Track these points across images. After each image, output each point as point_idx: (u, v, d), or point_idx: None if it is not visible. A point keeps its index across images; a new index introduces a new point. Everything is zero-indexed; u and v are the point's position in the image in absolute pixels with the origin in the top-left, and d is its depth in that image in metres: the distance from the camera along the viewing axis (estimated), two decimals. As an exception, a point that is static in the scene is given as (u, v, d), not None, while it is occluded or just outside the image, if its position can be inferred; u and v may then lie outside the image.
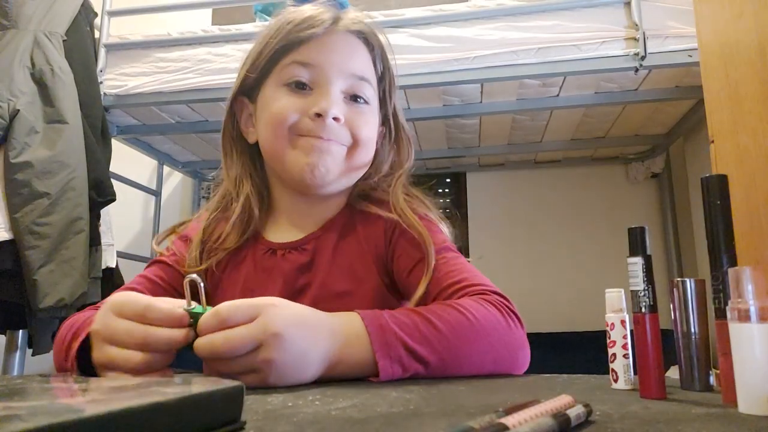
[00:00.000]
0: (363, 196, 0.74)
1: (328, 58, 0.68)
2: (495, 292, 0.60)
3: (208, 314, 0.45)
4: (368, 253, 0.69)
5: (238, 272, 0.71)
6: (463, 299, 0.58)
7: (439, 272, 0.64)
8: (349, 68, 0.69)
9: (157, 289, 0.69)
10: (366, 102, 0.71)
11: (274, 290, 0.68)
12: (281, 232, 0.73)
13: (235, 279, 0.71)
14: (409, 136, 0.78)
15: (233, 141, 0.75)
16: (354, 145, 0.69)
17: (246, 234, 0.72)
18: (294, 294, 0.68)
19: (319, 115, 0.66)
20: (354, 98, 0.70)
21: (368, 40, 0.72)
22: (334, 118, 0.66)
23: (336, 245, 0.70)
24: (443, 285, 0.62)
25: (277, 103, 0.68)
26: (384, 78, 0.74)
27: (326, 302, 0.65)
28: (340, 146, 0.68)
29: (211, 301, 0.68)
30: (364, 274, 0.68)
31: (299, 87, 0.68)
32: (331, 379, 0.48)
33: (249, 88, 0.73)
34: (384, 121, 0.76)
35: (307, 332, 0.46)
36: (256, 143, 0.73)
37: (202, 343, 0.44)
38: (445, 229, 0.72)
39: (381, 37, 0.73)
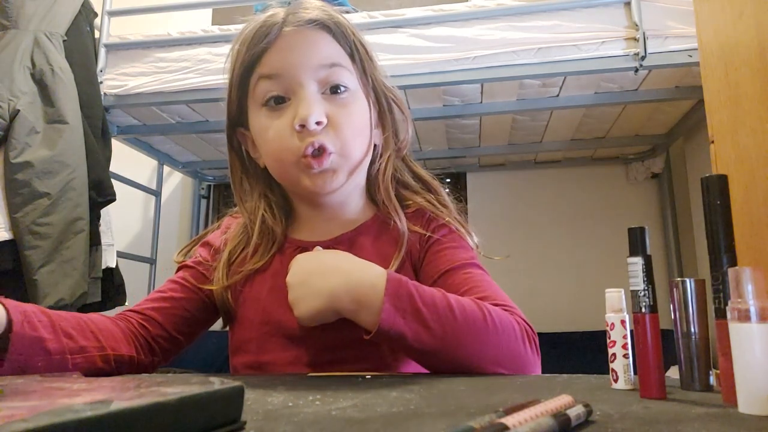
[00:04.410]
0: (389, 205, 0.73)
1: (290, 60, 0.65)
2: (521, 317, 0.60)
3: None
4: (405, 257, 0.69)
5: (265, 275, 0.71)
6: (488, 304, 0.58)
7: (462, 287, 0.64)
8: (315, 61, 0.66)
9: (183, 290, 0.71)
10: (346, 89, 0.67)
11: None
12: (309, 233, 0.73)
13: (262, 282, 0.70)
14: (401, 104, 0.75)
15: (246, 175, 0.74)
16: (344, 144, 0.66)
17: (270, 252, 0.72)
18: None
19: (302, 125, 0.64)
20: (335, 90, 0.67)
21: (325, 24, 0.68)
22: (317, 123, 0.64)
23: (371, 246, 0.70)
24: None
25: (268, 132, 0.66)
26: (354, 55, 0.69)
27: None
28: (334, 156, 0.66)
29: (237, 312, 0.70)
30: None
31: (277, 102, 0.66)
32: (342, 315, 0.57)
33: (239, 116, 0.72)
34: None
35: (312, 275, 0.58)
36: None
37: None
38: (472, 243, 0.71)
39: (336, 16, 0.69)
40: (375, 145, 0.73)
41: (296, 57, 0.66)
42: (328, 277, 0.57)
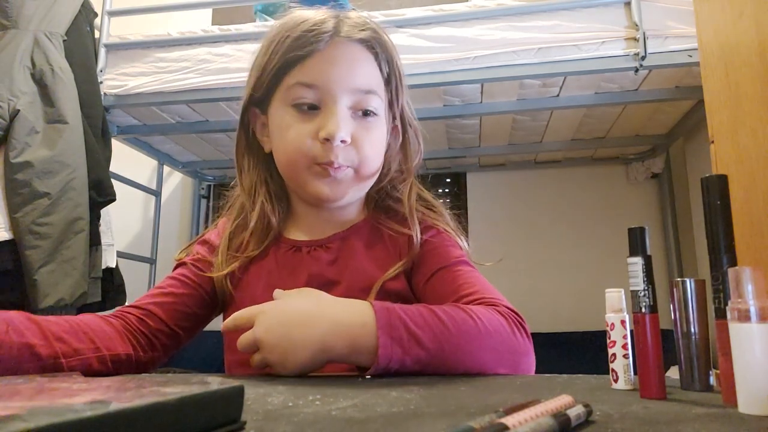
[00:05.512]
0: (381, 208, 0.76)
1: (331, 75, 0.67)
2: (506, 306, 0.61)
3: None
4: (395, 259, 0.70)
5: (261, 270, 0.72)
6: (471, 305, 0.59)
7: (452, 284, 0.65)
8: (354, 83, 0.68)
9: (183, 286, 0.73)
10: (374, 114, 0.70)
11: (297, 286, 0.68)
12: (303, 232, 0.75)
13: (258, 277, 0.72)
14: (418, 133, 0.78)
15: (248, 153, 0.76)
16: (361, 163, 0.69)
17: (266, 241, 0.74)
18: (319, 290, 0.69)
19: (327, 139, 0.66)
20: (365, 113, 0.69)
21: (372, 46, 0.70)
22: (342, 141, 0.66)
23: (362, 247, 0.72)
24: (455, 297, 0.63)
25: (289, 131, 0.68)
26: (390, 81, 0.72)
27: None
28: (348, 169, 0.68)
29: (234, 301, 0.72)
30: (389, 277, 0.69)
31: (308, 108, 0.68)
32: (334, 362, 0.52)
33: (258, 100, 0.73)
34: (394, 121, 0.76)
35: (294, 327, 0.52)
36: (271, 152, 0.74)
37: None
38: (462, 243, 0.73)
39: (384, 39, 0.71)
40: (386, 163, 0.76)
41: (338, 73, 0.67)
42: (312, 326, 0.52)
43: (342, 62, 0.68)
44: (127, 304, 0.71)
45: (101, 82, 1.88)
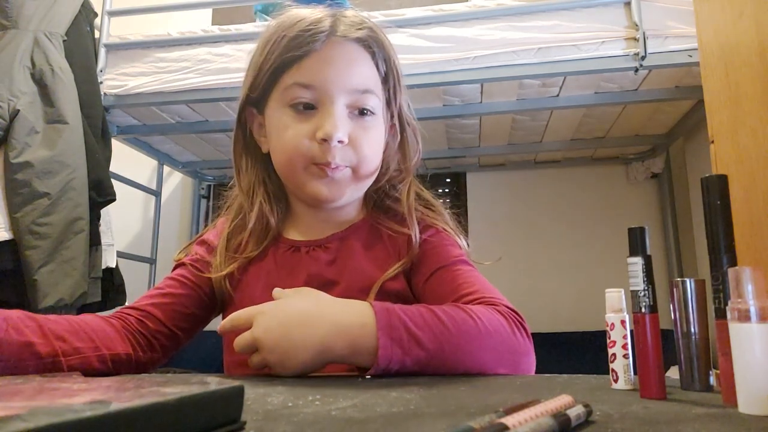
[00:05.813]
0: (380, 208, 0.76)
1: (328, 75, 0.66)
2: (506, 305, 0.61)
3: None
4: (394, 259, 0.70)
5: (259, 270, 0.72)
6: (471, 305, 0.59)
7: (452, 284, 0.65)
8: (352, 83, 0.67)
9: (182, 287, 0.72)
10: (372, 113, 0.70)
11: (296, 287, 0.68)
12: (302, 232, 0.75)
13: (256, 278, 0.72)
14: (417, 132, 0.77)
15: (246, 153, 0.76)
16: (359, 163, 0.69)
17: (265, 242, 0.74)
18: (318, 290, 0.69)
19: (325, 140, 0.65)
20: (362, 112, 0.69)
21: (369, 45, 0.70)
22: (340, 141, 0.66)
23: (361, 247, 0.72)
24: (455, 296, 0.63)
25: (287, 131, 0.68)
26: (388, 79, 0.72)
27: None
28: (346, 169, 0.68)
29: (233, 302, 0.72)
30: (388, 277, 0.69)
31: (305, 108, 0.67)
32: (334, 362, 0.52)
33: (255, 100, 0.73)
34: (392, 120, 0.75)
35: (294, 327, 0.52)
36: (269, 152, 0.73)
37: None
38: (462, 242, 0.73)
39: (381, 37, 0.71)
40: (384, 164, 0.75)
41: (334, 73, 0.67)
42: (311, 326, 0.52)
43: (339, 62, 0.67)
44: (126, 304, 0.71)
45: (101, 82, 1.88)
